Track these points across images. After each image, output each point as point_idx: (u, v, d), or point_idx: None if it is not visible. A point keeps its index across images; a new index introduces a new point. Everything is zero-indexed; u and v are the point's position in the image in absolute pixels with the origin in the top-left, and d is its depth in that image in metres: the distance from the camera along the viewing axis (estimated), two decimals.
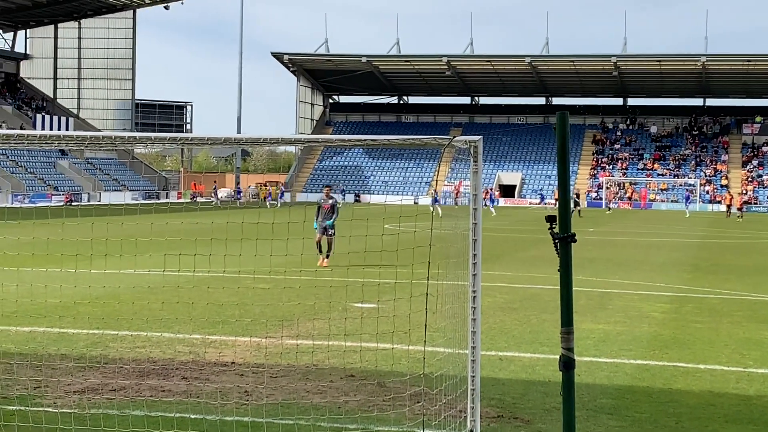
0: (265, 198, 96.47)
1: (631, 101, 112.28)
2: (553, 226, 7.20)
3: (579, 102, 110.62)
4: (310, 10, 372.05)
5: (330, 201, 27.33)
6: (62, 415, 9.92)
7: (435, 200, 76.92)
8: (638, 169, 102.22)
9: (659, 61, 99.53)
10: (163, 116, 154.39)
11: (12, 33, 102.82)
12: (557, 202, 7.48)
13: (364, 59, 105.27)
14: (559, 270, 7.21)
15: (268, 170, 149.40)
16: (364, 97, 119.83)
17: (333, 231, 26.65)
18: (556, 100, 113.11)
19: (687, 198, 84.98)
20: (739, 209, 73.70)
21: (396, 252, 11.20)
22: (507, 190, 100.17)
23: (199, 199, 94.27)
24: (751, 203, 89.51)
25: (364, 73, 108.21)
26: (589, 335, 15.57)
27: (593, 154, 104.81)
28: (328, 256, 26.61)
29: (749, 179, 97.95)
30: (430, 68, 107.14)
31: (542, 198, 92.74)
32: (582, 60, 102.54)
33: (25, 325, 15.68)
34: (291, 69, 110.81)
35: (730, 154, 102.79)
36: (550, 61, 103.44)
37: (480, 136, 9.77)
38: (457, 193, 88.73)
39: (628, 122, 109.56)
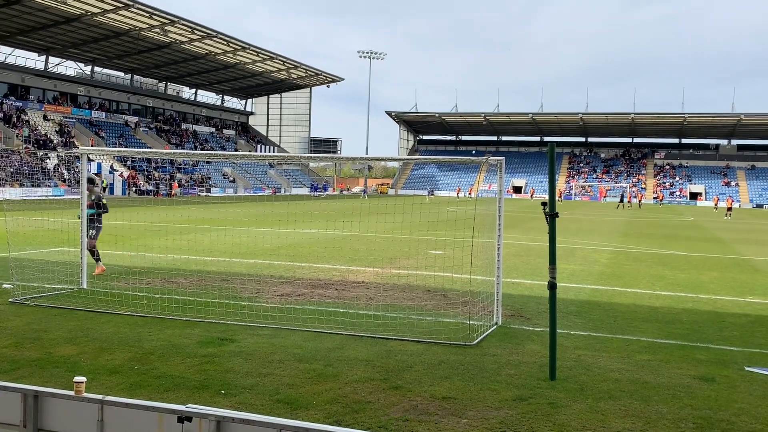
0: (382, 193, 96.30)
1: (591, 139, 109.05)
2: (545, 208, 7.09)
3: (560, 139, 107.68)
4: (408, 86, 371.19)
5: (92, 197, 12.56)
6: (271, 308, 10.15)
7: (364, 192, 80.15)
8: (593, 178, 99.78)
9: (606, 116, 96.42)
10: (325, 146, 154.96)
11: (245, 100, 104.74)
12: (548, 195, 7.34)
13: (437, 115, 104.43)
14: (548, 233, 7.10)
15: (383, 177, 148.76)
16: (436, 136, 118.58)
17: (95, 233, 12.56)
18: (547, 138, 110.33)
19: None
20: (639, 202, 70.31)
21: (454, 222, 11.12)
22: (517, 189, 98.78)
23: (345, 193, 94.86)
24: (660, 199, 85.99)
25: (437, 122, 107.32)
26: (563, 271, 15.26)
27: (567, 169, 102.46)
28: (98, 259, 12.62)
29: (659, 185, 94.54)
30: (474, 120, 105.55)
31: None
32: (563, 115, 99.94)
33: (251, 258, 16.02)
34: (396, 120, 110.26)
35: (647, 170, 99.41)
36: (543, 116, 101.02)
37: (503, 158, 9.64)
38: (470, 191, 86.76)
39: (588, 151, 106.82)
